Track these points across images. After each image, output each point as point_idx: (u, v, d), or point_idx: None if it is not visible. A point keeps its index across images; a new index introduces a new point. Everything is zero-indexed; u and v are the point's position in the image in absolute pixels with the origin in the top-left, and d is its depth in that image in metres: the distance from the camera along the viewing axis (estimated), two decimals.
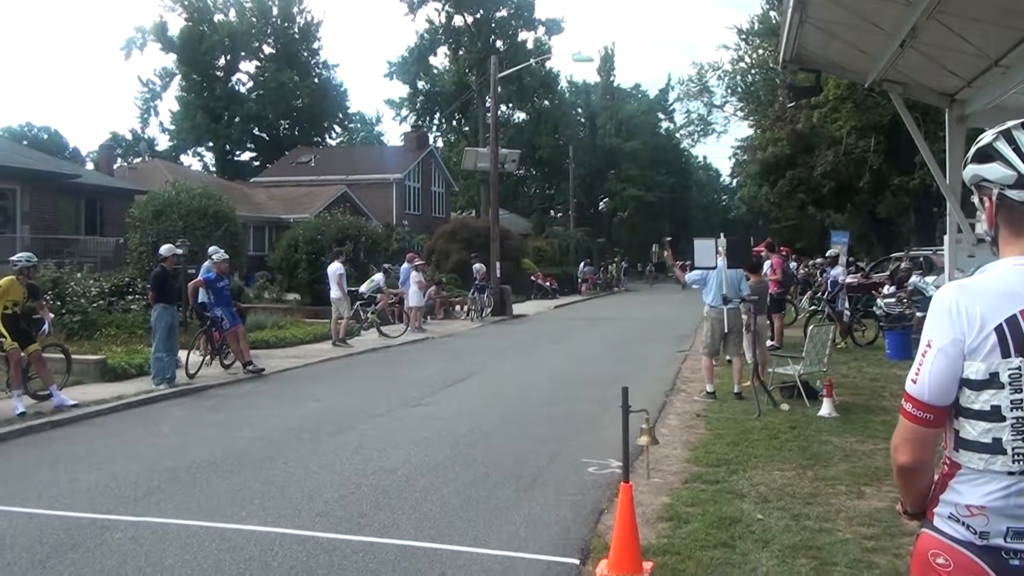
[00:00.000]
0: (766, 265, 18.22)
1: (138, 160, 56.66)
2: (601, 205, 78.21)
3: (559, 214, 77.15)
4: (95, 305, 19.54)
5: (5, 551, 6.02)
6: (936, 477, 2.42)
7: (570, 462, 8.52)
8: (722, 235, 12.36)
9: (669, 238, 16.50)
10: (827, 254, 21.31)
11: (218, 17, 67.79)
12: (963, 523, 2.30)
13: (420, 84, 67.15)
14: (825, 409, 10.46)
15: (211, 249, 16.68)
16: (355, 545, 6.06)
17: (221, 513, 6.83)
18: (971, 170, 2.41)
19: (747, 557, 5.61)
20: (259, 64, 69.98)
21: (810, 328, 12.46)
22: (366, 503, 7.13)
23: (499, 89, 35.45)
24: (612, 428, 9.25)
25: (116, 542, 6.19)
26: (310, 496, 7.34)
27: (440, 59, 67.13)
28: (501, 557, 5.83)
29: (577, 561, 5.72)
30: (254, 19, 68.13)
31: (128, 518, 6.72)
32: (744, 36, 53.99)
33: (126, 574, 5.57)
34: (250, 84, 70.52)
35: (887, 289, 19.29)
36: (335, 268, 20.35)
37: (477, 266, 29.71)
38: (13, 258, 12.07)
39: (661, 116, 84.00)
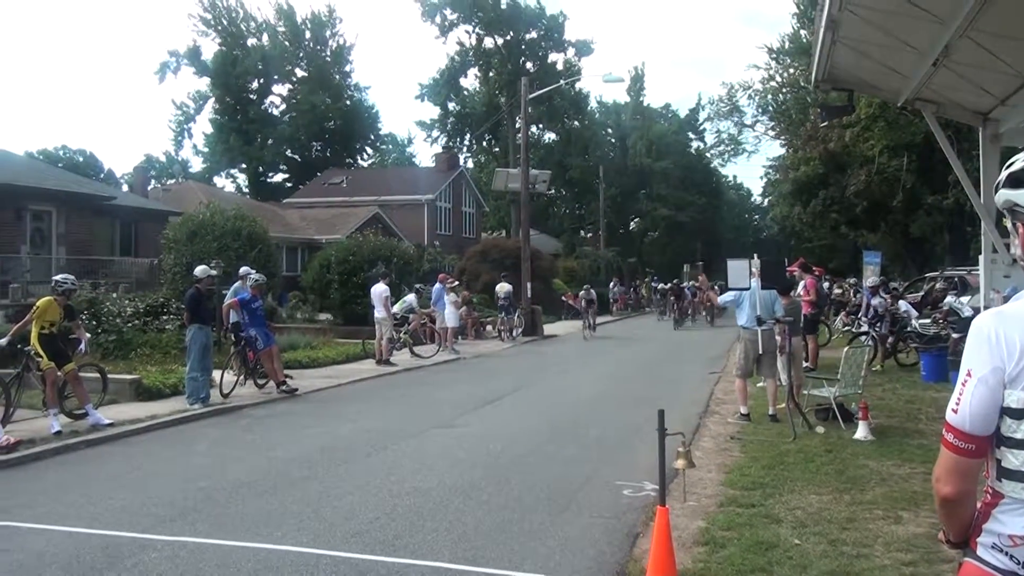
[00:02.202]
0: (799, 286, 18.10)
1: (172, 182, 57.36)
2: (632, 225, 78.12)
3: (589, 234, 77.10)
4: (130, 325, 19.79)
5: (43, 569, 6.08)
6: (979, 506, 2.39)
7: (604, 484, 8.48)
8: (755, 256, 12.30)
9: (701, 262, 16.41)
10: (867, 283, 21.00)
11: (251, 41, 68.68)
12: (1006, 553, 2.27)
13: (451, 105, 67.53)
14: (861, 432, 10.34)
15: (243, 270, 16.84)
16: (391, 566, 6.06)
17: (257, 533, 6.86)
18: (1003, 195, 2.39)
19: None
20: (292, 87, 70.75)
21: (846, 349, 12.34)
22: (401, 524, 7.13)
23: (529, 110, 35.56)
24: (646, 450, 9.20)
25: (153, 561, 6.23)
26: (345, 516, 7.36)
27: (471, 81, 67.73)
28: None
29: None
30: (287, 43, 68.87)
31: (164, 537, 6.76)
32: (775, 55, 53.87)
33: None
34: (283, 107, 71.33)
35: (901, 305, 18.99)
36: (381, 289, 20.54)
37: (499, 286, 29.30)
38: (57, 278, 12.23)
39: (691, 136, 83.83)
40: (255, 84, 69.05)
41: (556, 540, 6.70)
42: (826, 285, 26.81)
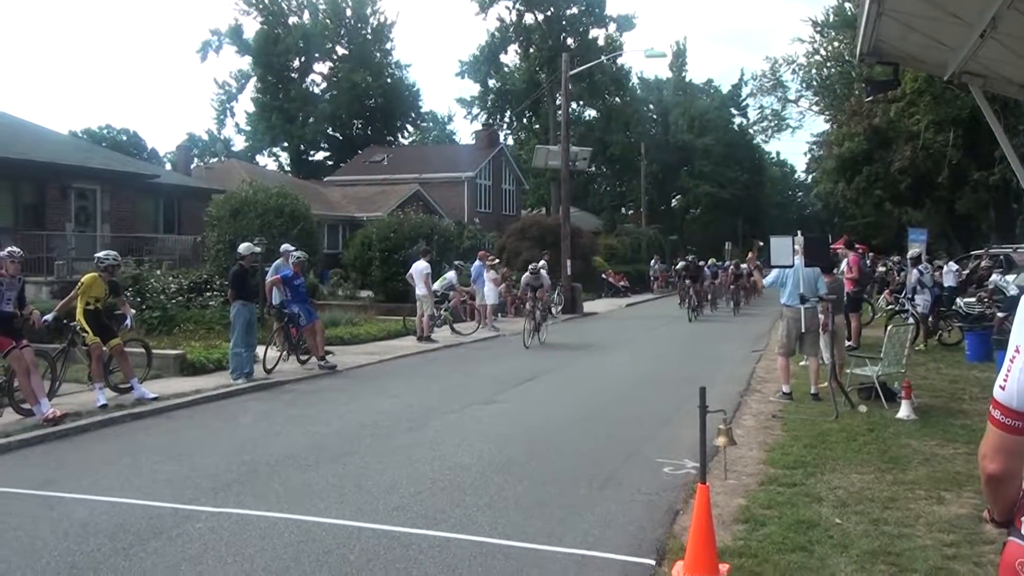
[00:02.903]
0: (842, 263, 17.89)
1: (215, 160, 57.95)
2: (673, 202, 77.63)
3: (630, 211, 76.80)
4: (174, 301, 20.07)
5: (89, 537, 6.21)
6: None
7: (644, 461, 8.47)
8: (799, 233, 12.15)
9: (757, 240, 16.13)
10: (910, 254, 20.76)
11: (292, 19, 68.90)
12: None
13: (491, 82, 67.36)
14: (904, 411, 10.24)
15: (284, 247, 16.98)
16: (432, 540, 6.12)
17: (300, 505, 6.95)
18: None
19: (825, 562, 5.52)
20: (333, 65, 70.90)
21: (889, 328, 12.19)
22: (442, 499, 7.19)
23: (570, 86, 35.34)
24: (686, 428, 9.20)
25: (197, 531, 6.35)
26: (387, 491, 7.43)
27: (511, 57, 67.37)
28: (576, 555, 5.83)
29: (653, 562, 5.68)
30: (328, 21, 68.98)
31: (208, 508, 6.88)
32: (819, 28, 53.12)
33: (207, 563, 5.70)
34: (324, 85, 71.58)
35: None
36: (422, 266, 20.58)
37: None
38: (99, 255, 12.40)
39: (734, 112, 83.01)
40: (296, 62, 69.30)
41: (596, 516, 6.72)
42: (868, 263, 26.41)
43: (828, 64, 53.77)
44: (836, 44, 50.25)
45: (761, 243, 16.24)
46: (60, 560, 5.78)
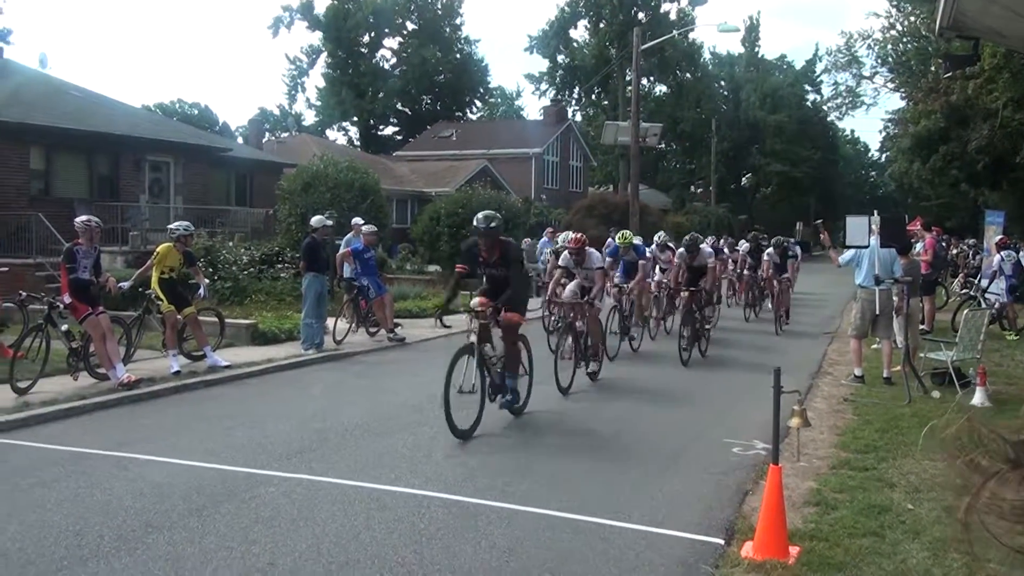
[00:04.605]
0: (917, 245, 17.48)
1: (285, 135, 58.53)
2: (743, 180, 76.48)
3: (699, 189, 75.87)
4: (246, 272, 20.40)
5: (163, 499, 6.39)
6: None
7: (714, 441, 8.42)
8: (875, 212, 11.89)
9: (821, 220, 15.76)
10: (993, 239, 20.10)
11: None
12: None
13: (560, 58, 66.86)
14: (978, 398, 9.98)
15: (354, 220, 17.14)
16: (500, 512, 6.18)
17: (370, 474, 7.05)
18: None
19: (896, 548, 5.43)
20: (402, 40, 71.05)
21: (966, 312, 11.89)
22: (511, 472, 7.24)
23: (641, 62, 34.95)
24: (756, 408, 9.10)
25: (269, 495, 6.49)
26: (455, 461, 7.52)
27: (580, 32, 66.75)
28: (643, 532, 5.83)
29: (721, 541, 5.65)
30: None
31: (281, 474, 7.02)
32: (895, 2, 51.57)
33: (279, 526, 5.83)
34: (393, 60, 71.73)
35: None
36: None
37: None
38: (171, 226, 12.66)
39: (807, 88, 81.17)
40: (367, 38, 69.57)
41: (664, 494, 6.71)
42: (944, 245, 25.72)
43: (904, 39, 52.18)
44: (913, 18, 48.73)
45: (821, 220, 15.89)
46: (136, 518, 5.95)
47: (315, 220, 14.98)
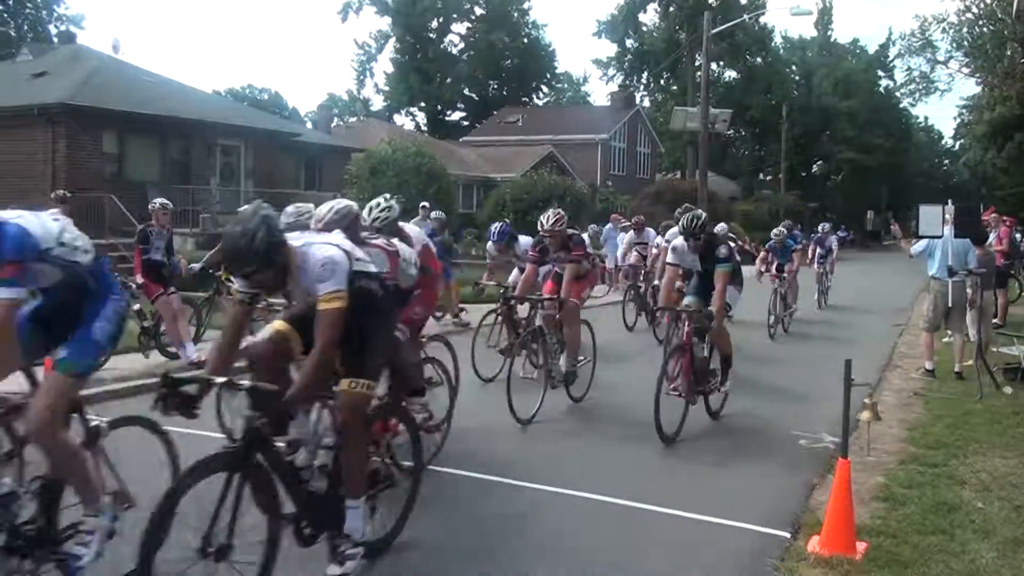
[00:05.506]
0: (991, 236, 17.03)
1: (354, 120, 59.12)
2: (814, 168, 75.22)
3: (769, 177, 74.82)
4: None
5: None
6: None
7: (780, 433, 8.37)
8: (950, 202, 11.62)
9: (894, 219, 15.50)
10: None
11: None
12: None
13: (628, 43, 66.34)
14: None
15: (422, 205, 17.29)
16: (568, 499, 6.28)
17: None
18: None
19: (966, 547, 5.35)
20: (470, 25, 71.23)
21: None
22: (573, 464, 7.29)
23: (711, 46, 34.54)
24: (824, 401, 9.03)
25: None
26: (516, 448, 7.61)
27: (650, 16, 66.13)
28: (709, 522, 5.84)
29: (787, 535, 5.62)
30: None
31: None
32: None
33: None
34: (461, 45, 72.00)
35: None
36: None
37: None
38: (240, 209, 12.87)
39: (880, 73, 79.33)
40: (435, 23, 69.90)
41: (728, 485, 6.71)
42: (1018, 236, 24.93)
43: (980, 22, 50.74)
44: (989, 1, 47.39)
45: (895, 224, 15.64)
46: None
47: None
